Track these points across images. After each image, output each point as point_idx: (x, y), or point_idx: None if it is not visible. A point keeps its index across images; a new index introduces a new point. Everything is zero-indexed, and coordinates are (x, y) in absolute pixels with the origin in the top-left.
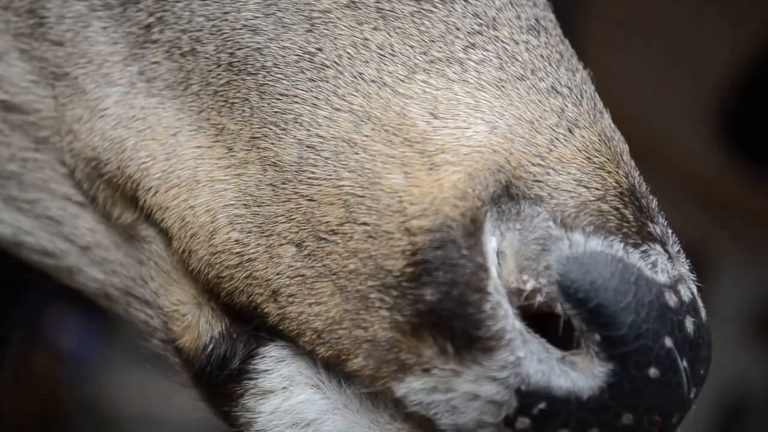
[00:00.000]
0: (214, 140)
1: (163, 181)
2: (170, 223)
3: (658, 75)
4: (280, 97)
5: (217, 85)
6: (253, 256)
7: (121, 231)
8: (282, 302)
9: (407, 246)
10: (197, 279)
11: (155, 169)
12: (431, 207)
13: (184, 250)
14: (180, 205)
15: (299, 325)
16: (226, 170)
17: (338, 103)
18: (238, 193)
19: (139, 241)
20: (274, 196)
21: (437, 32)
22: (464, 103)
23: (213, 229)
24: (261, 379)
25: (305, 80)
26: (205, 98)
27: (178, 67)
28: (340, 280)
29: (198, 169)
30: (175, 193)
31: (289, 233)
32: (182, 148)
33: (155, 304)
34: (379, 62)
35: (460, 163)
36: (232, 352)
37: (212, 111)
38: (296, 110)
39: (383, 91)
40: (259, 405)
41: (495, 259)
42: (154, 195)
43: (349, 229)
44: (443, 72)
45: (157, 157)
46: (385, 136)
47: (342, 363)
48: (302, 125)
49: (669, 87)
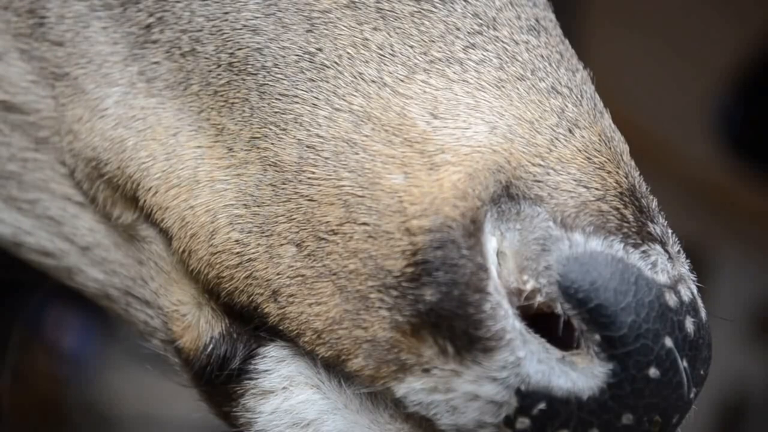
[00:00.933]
0: (214, 140)
1: (163, 181)
2: (170, 224)
3: (658, 73)
4: (280, 97)
5: (217, 85)
6: (253, 256)
7: (120, 231)
8: (282, 302)
9: (407, 246)
10: (197, 279)
11: (155, 169)
12: (431, 207)
13: (184, 250)
14: (180, 205)
15: (299, 325)
16: (227, 170)
17: (338, 103)
18: (238, 193)
19: (139, 241)
20: (275, 196)
21: (437, 32)
22: (464, 103)
23: (213, 229)
24: (261, 379)
25: (305, 80)
26: (205, 98)
27: (178, 67)
28: (340, 281)
29: (198, 169)
30: (175, 193)
31: (289, 233)
32: (182, 148)
33: (155, 304)
34: (379, 62)
35: (460, 163)
36: (232, 352)
37: (212, 111)
38: (296, 110)
39: (383, 91)
40: (259, 405)
41: (495, 259)
42: (154, 195)
43: (349, 229)
44: (443, 72)
45: (157, 157)
46: (385, 136)
47: (342, 363)
48: (302, 125)
49: (669, 85)
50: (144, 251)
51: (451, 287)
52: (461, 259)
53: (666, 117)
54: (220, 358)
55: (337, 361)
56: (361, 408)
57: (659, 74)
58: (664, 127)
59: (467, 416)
